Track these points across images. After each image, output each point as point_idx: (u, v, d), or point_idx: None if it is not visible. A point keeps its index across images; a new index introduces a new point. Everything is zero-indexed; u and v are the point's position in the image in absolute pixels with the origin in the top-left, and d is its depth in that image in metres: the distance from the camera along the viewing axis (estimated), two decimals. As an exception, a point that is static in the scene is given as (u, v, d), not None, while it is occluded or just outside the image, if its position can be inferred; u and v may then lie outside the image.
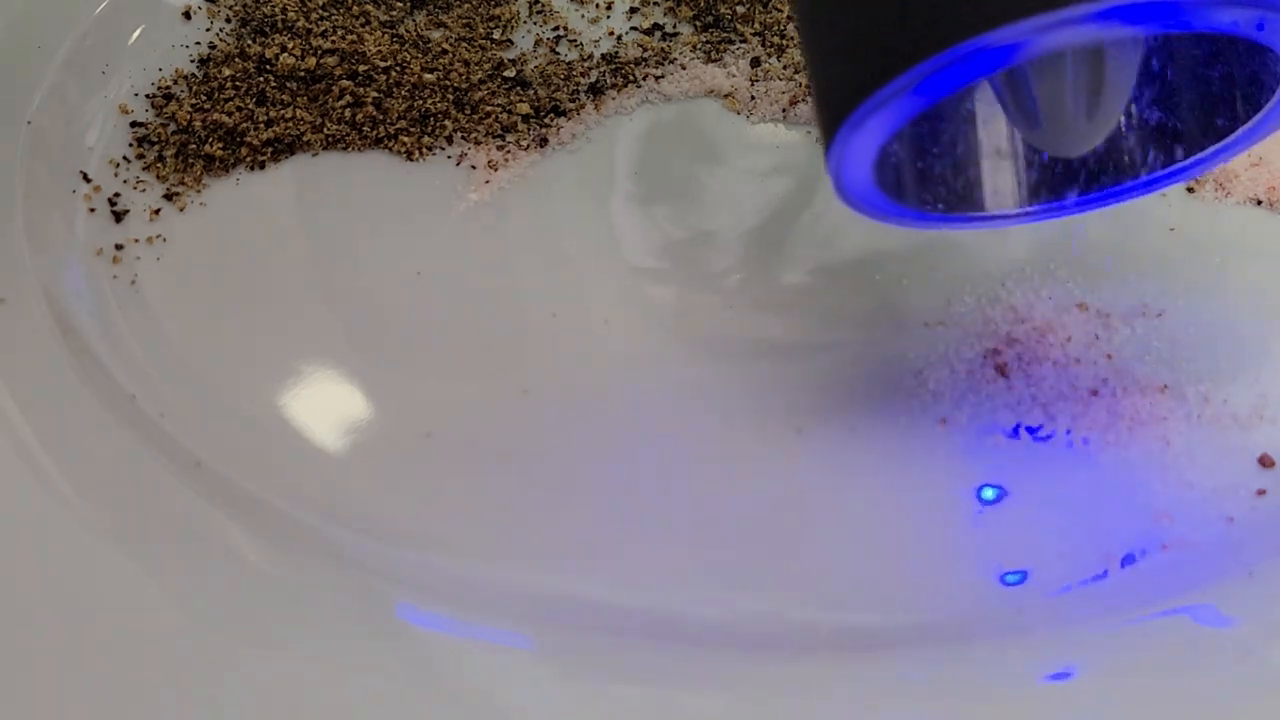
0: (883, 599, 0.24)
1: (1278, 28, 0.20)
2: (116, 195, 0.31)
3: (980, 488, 0.26)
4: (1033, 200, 0.25)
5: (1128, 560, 0.24)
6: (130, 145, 0.32)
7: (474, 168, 0.32)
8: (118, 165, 0.32)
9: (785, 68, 0.34)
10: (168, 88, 0.33)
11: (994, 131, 0.26)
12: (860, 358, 0.28)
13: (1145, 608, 0.24)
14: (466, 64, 0.34)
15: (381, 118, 0.32)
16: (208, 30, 0.35)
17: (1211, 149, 0.24)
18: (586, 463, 0.26)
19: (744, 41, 0.34)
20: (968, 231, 0.30)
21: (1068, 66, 0.23)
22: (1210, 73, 0.24)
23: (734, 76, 0.33)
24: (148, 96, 0.33)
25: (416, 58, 0.34)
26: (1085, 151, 0.24)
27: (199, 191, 0.31)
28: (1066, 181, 0.25)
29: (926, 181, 0.25)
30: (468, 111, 0.33)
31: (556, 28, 0.35)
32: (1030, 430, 0.26)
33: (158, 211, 0.31)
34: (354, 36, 0.34)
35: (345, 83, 0.33)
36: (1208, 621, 0.23)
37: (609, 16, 0.35)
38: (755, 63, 0.34)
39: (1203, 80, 0.24)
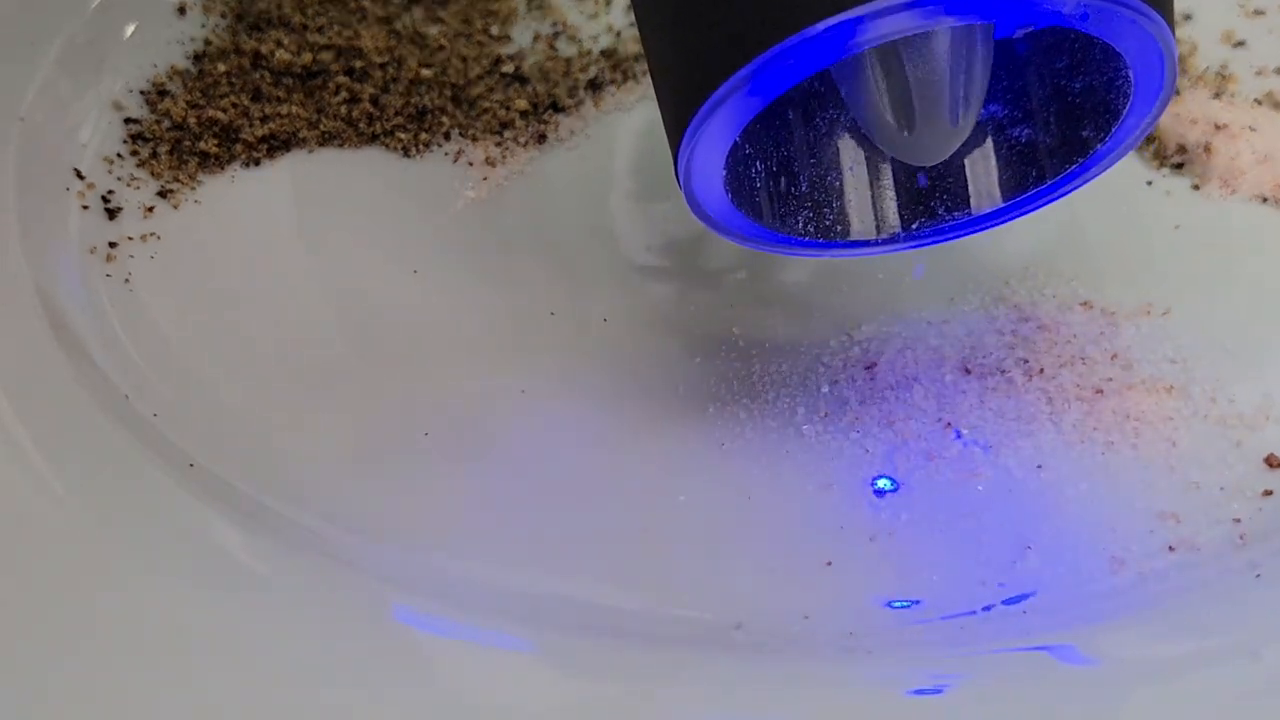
0: (889, 600, 0.24)
1: (1107, 19, 0.20)
2: (110, 192, 0.31)
3: (980, 489, 0.25)
4: (906, 227, 0.25)
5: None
6: (124, 142, 0.32)
7: (471, 164, 0.32)
8: (111, 162, 0.32)
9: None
10: (162, 84, 0.33)
11: (858, 152, 0.26)
12: (862, 358, 0.28)
13: (1151, 609, 0.24)
14: (464, 60, 0.34)
15: (378, 114, 0.32)
16: (202, 26, 0.35)
17: (1080, 162, 0.24)
18: (585, 462, 0.26)
19: (744, 37, 0.34)
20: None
21: (907, 59, 0.23)
22: (1071, 84, 0.24)
23: (734, 73, 0.33)
24: (142, 93, 0.33)
25: (413, 53, 0.34)
26: (942, 157, 0.24)
27: (193, 189, 0.31)
28: (941, 205, 0.25)
29: (791, 205, 0.25)
30: (465, 108, 0.33)
31: (555, 23, 0.35)
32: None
33: (152, 209, 0.31)
34: (350, 32, 0.34)
35: (341, 79, 0.33)
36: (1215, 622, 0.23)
37: (608, 12, 0.35)
38: (756, 59, 0.34)
39: (1064, 93, 0.24)
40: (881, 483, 0.25)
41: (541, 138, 0.32)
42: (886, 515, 0.25)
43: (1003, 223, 0.25)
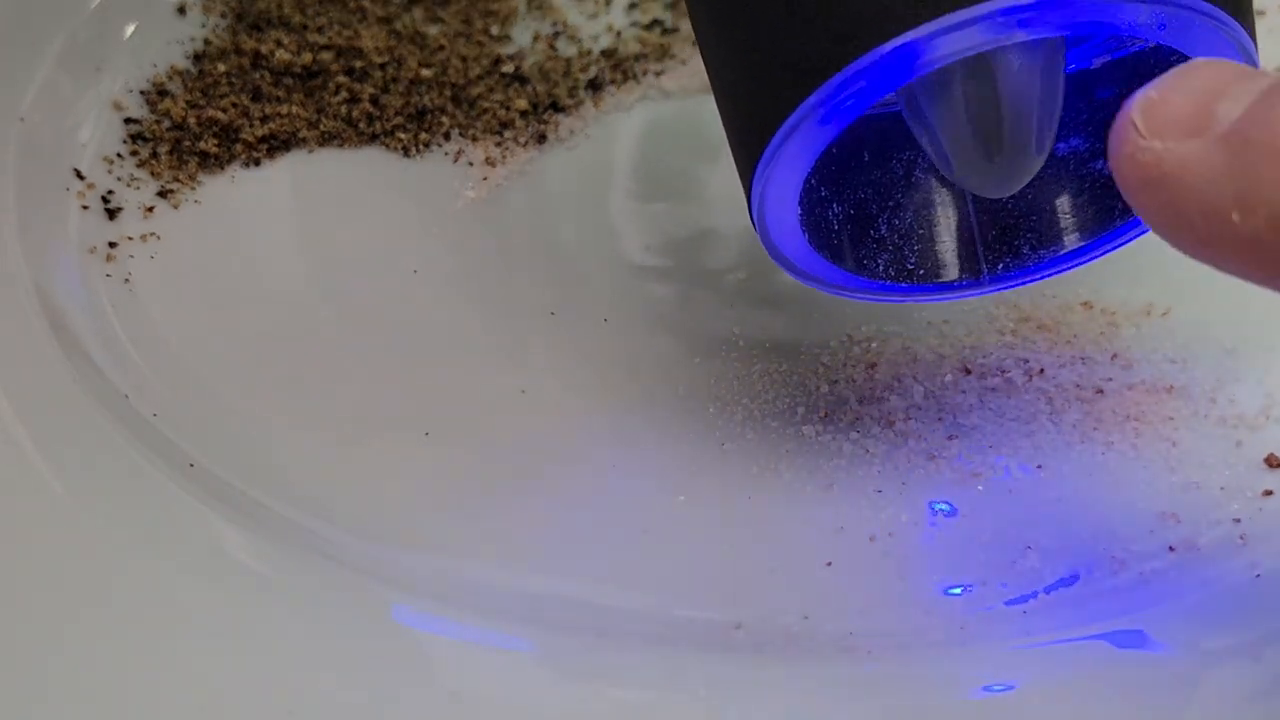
0: (889, 602, 0.24)
1: (1184, 27, 0.20)
2: (110, 192, 0.31)
3: (980, 489, 0.25)
4: (991, 268, 0.25)
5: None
6: (124, 142, 0.32)
7: (471, 164, 0.32)
8: (111, 162, 0.31)
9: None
10: (162, 84, 0.33)
11: (938, 193, 0.25)
12: (862, 358, 0.28)
13: (1151, 609, 0.24)
14: (464, 60, 0.34)
15: (378, 114, 0.32)
16: (202, 26, 0.34)
17: None
18: (585, 462, 0.26)
19: (744, 37, 0.34)
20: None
21: (986, 80, 0.22)
22: None
23: (734, 72, 0.33)
24: (142, 93, 0.33)
25: (413, 53, 0.33)
26: (1018, 186, 0.23)
27: (193, 189, 0.31)
28: (1026, 244, 0.25)
29: (872, 248, 0.25)
30: (465, 108, 0.33)
31: (555, 23, 0.35)
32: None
33: (151, 209, 0.31)
34: (350, 32, 0.34)
35: (341, 79, 0.33)
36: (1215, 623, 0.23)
37: (608, 12, 0.35)
38: (756, 59, 0.34)
39: None
40: (940, 506, 0.25)
41: (541, 138, 0.32)
42: (886, 515, 0.25)
43: (1091, 259, 0.25)
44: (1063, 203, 0.25)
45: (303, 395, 0.28)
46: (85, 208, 0.31)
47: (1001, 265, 0.25)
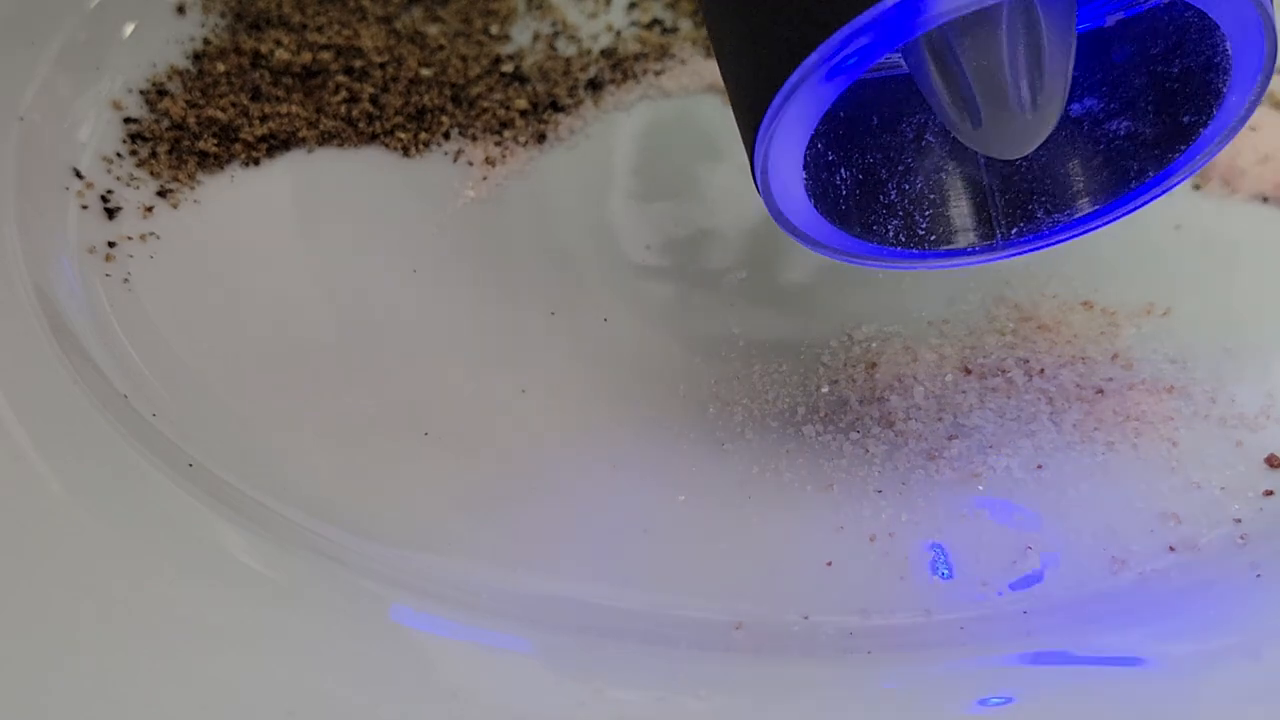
0: (889, 602, 0.24)
1: None
2: (109, 192, 0.31)
3: (980, 489, 0.25)
4: (1005, 233, 0.24)
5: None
6: (123, 141, 0.32)
7: (471, 164, 0.32)
8: (110, 162, 0.31)
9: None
10: (161, 83, 0.33)
11: (949, 157, 0.25)
12: (862, 358, 0.28)
13: (1151, 609, 0.24)
14: (464, 59, 0.34)
15: (378, 113, 0.32)
16: (201, 25, 0.34)
17: (1183, 150, 0.23)
18: (585, 463, 0.26)
19: (744, 37, 0.34)
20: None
21: (994, 34, 0.21)
22: (1169, 69, 0.23)
23: (734, 72, 0.33)
24: (141, 92, 0.33)
25: (413, 53, 0.33)
26: (1028, 148, 0.23)
27: (193, 188, 0.31)
28: (1040, 208, 0.24)
29: (881, 214, 0.24)
30: (465, 107, 0.33)
31: (555, 23, 0.35)
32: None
33: (151, 209, 0.31)
34: (350, 31, 0.34)
35: (341, 78, 0.33)
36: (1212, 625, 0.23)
37: (608, 11, 0.35)
38: (756, 58, 0.34)
39: (1162, 79, 0.23)
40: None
41: (541, 137, 0.32)
42: (886, 515, 0.25)
43: (1106, 223, 0.24)
44: (1077, 165, 0.24)
45: (302, 395, 0.28)
46: (84, 207, 0.31)
47: (1015, 230, 0.24)
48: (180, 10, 0.35)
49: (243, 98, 0.32)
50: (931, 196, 0.25)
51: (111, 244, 0.30)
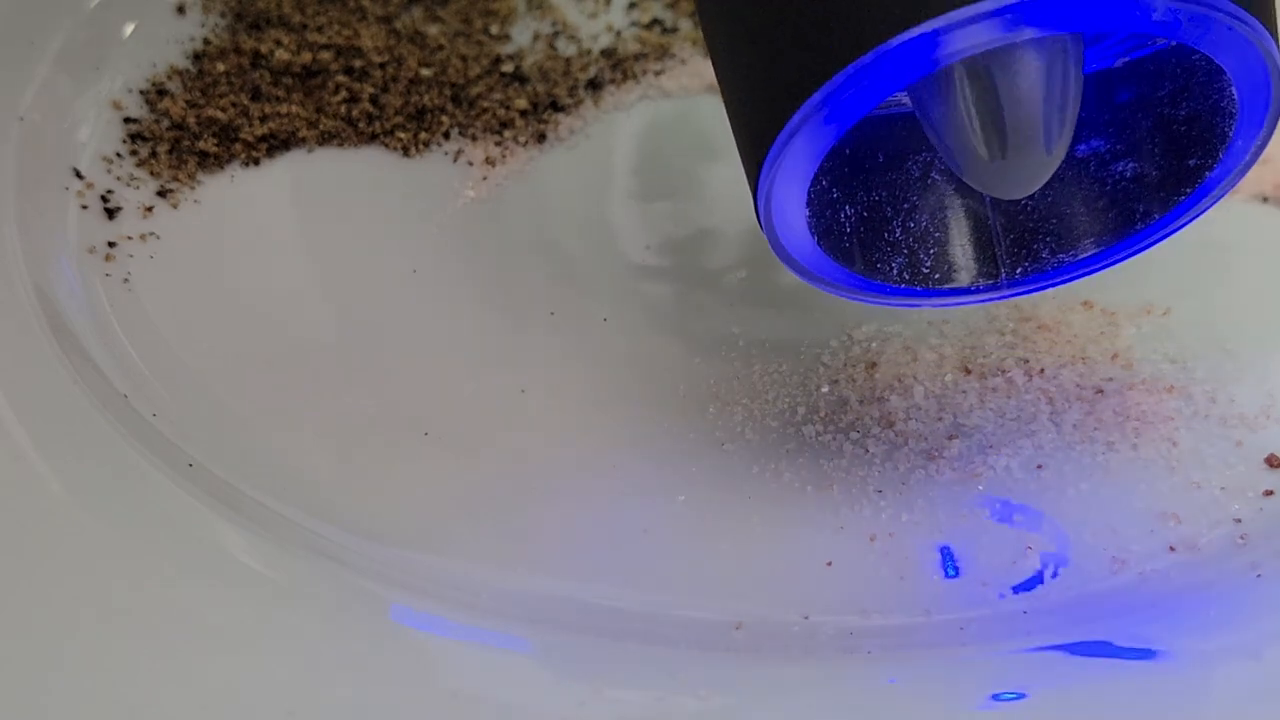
0: (889, 602, 0.24)
1: (1201, 25, 0.19)
2: (109, 192, 0.31)
3: (980, 489, 0.25)
4: (1010, 272, 0.24)
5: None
6: (123, 141, 0.32)
7: (471, 164, 0.32)
8: (110, 162, 0.31)
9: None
10: (161, 83, 0.33)
11: (954, 196, 0.25)
12: (862, 358, 0.28)
13: (1151, 609, 0.24)
14: (464, 59, 0.34)
15: (377, 113, 0.32)
16: (201, 25, 0.34)
17: (1189, 193, 0.23)
18: (585, 462, 0.26)
19: (744, 37, 0.34)
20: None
21: (999, 78, 0.21)
22: (1175, 113, 0.23)
23: (734, 72, 0.33)
24: (141, 92, 0.33)
25: (413, 53, 0.33)
26: (1034, 188, 0.23)
27: (193, 188, 0.31)
28: (1045, 248, 0.25)
29: (885, 252, 0.24)
30: (465, 107, 0.33)
31: (555, 22, 0.35)
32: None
33: (151, 209, 0.31)
34: (349, 31, 0.34)
35: (341, 78, 0.33)
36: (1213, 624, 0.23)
37: (608, 11, 0.35)
38: (756, 58, 0.34)
39: (1169, 122, 0.23)
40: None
41: (541, 137, 0.32)
42: (886, 515, 0.25)
43: (1111, 264, 0.24)
44: (1082, 206, 0.24)
45: (302, 395, 0.28)
46: (84, 207, 0.31)
47: (1020, 269, 0.24)
48: (180, 10, 0.35)
49: (243, 98, 0.32)
50: (936, 234, 0.25)
51: (111, 244, 0.30)
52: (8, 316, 0.28)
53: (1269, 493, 0.25)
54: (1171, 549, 0.24)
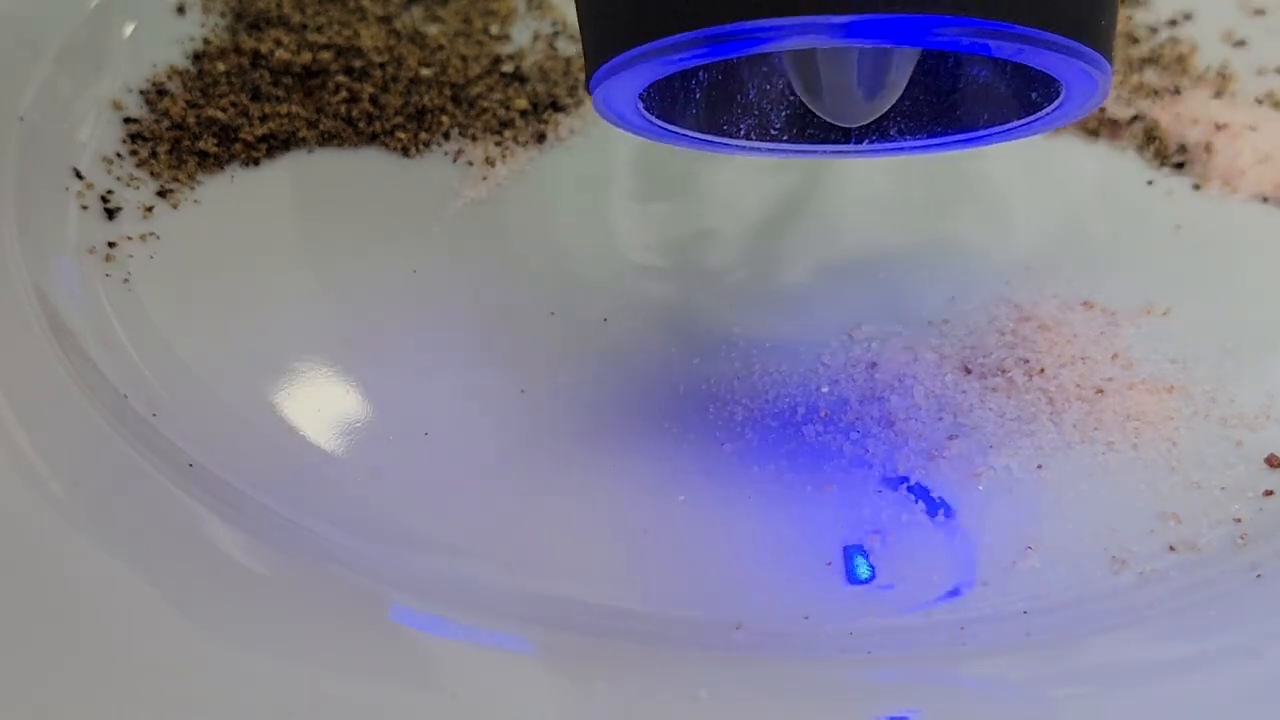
0: (888, 601, 0.24)
1: (1015, 52, 0.19)
2: (109, 192, 0.31)
3: (980, 489, 0.25)
4: (858, 140, 0.25)
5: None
6: (123, 141, 0.32)
7: (471, 164, 0.32)
8: (110, 162, 0.31)
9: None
10: (161, 83, 0.33)
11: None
12: (862, 358, 0.28)
13: (1151, 609, 0.24)
14: (464, 59, 0.34)
15: (378, 113, 0.32)
16: (201, 25, 0.35)
17: (1034, 118, 0.24)
18: (585, 463, 0.26)
19: (744, 37, 0.34)
20: (971, 230, 0.30)
21: (809, 58, 0.22)
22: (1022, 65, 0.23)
23: (734, 72, 0.33)
24: (141, 92, 0.33)
25: (413, 53, 0.33)
26: (864, 121, 0.24)
27: (193, 188, 0.31)
28: (894, 127, 0.25)
29: (738, 114, 0.25)
30: (465, 107, 0.33)
31: (554, 22, 0.35)
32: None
33: (151, 209, 0.31)
34: (350, 31, 0.34)
35: (341, 78, 0.33)
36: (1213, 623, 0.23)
37: (608, 11, 0.35)
38: (756, 58, 0.34)
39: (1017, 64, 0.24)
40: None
41: (541, 137, 0.32)
42: (886, 515, 0.25)
43: (948, 149, 0.25)
44: (934, 96, 0.25)
45: (301, 395, 0.28)
46: (84, 207, 0.31)
47: (867, 140, 0.25)
48: (180, 10, 0.35)
49: (243, 98, 0.32)
50: (790, 97, 0.25)
51: (111, 244, 0.30)
52: (7, 316, 0.28)
53: (1269, 493, 0.25)
54: (1171, 549, 0.24)
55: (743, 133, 0.25)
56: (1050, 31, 0.19)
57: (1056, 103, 0.23)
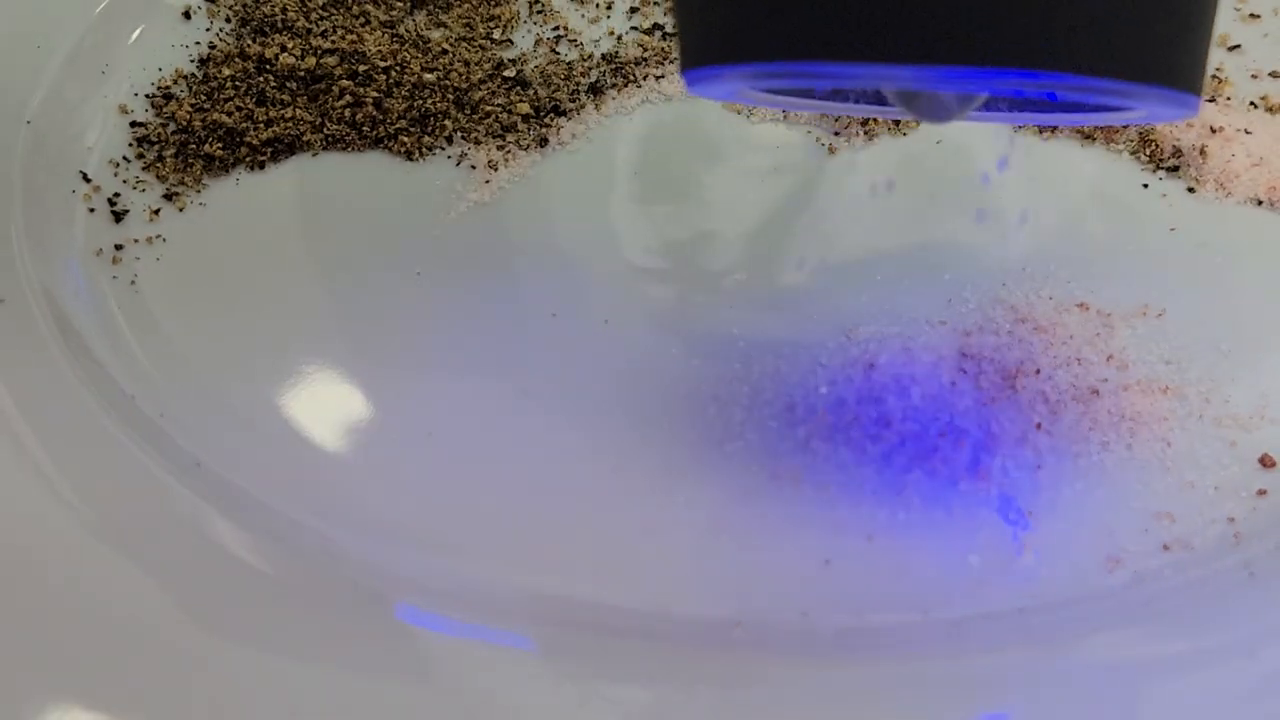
0: (887, 600, 0.24)
1: (1082, 96, 0.19)
2: (116, 195, 0.31)
3: (981, 489, 0.26)
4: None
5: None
6: (130, 145, 0.32)
7: (474, 168, 0.32)
8: (117, 165, 0.32)
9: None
10: (167, 87, 0.33)
11: None
12: (861, 358, 0.28)
13: (1147, 608, 0.24)
14: (466, 64, 0.34)
15: (381, 118, 0.32)
16: (207, 30, 0.35)
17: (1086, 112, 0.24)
18: (586, 463, 0.26)
19: (744, 41, 0.34)
20: (969, 232, 0.30)
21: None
22: None
23: (734, 76, 0.33)
24: (147, 96, 0.33)
25: (416, 57, 0.34)
26: (951, 120, 0.23)
27: (199, 191, 0.31)
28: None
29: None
30: (468, 111, 0.33)
31: (556, 27, 0.35)
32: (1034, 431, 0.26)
33: (157, 211, 0.31)
34: (354, 36, 0.34)
35: (345, 82, 0.33)
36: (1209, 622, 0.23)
37: (609, 16, 0.35)
38: (755, 62, 0.34)
39: None
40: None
41: (543, 141, 0.32)
42: (884, 515, 0.25)
43: (1047, 123, 0.25)
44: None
45: (306, 396, 0.28)
46: (91, 210, 0.31)
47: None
48: (186, 15, 0.35)
49: (248, 102, 0.33)
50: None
51: (118, 246, 0.30)
52: (16, 318, 0.28)
53: (1262, 492, 0.25)
54: (1166, 548, 0.25)
55: (845, 99, 0.25)
56: (1117, 79, 0.19)
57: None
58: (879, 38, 0.18)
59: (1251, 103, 0.32)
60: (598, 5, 0.36)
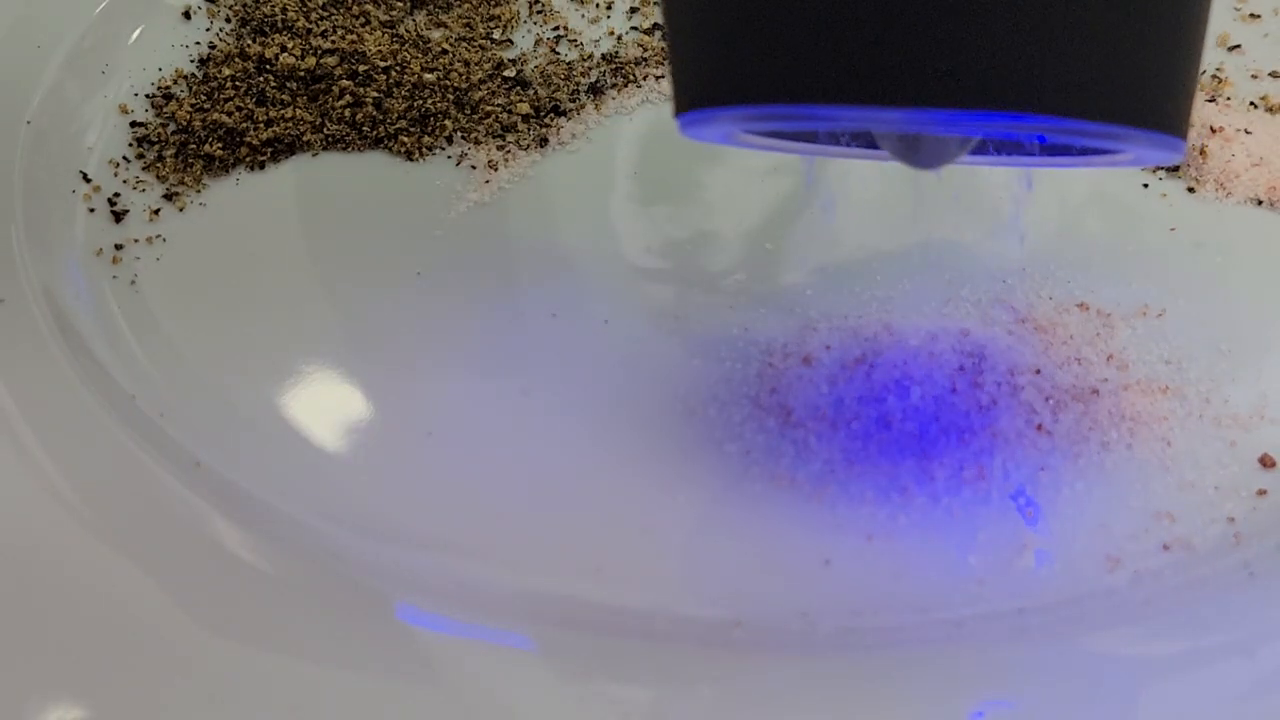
0: (887, 600, 0.24)
1: (1070, 140, 0.20)
2: (116, 195, 0.31)
3: (981, 489, 0.26)
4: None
5: None
6: (130, 145, 0.32)
7: (474, 168, 0.32)
8: (117, 165, 0.32)
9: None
10: (167, 87, 0.33)
11: None
12: (861, 358, 0.28)
13: (1146, 607, 0.24)
14: (466, 64, 0.34)
15: (381, 118, 0.32)
16: (207, 30, 0.35)
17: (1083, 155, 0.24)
18: (586, 463, 0.26)
19: (744, 41, 0.34)
20: (967, 231, 0.30)
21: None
22: None
23: (734, 76, 0.33)
24: (147, 96, 0.33)
25: (416, 57, 0.34)
26: (939, 167, 0.24)
27: (199, 191, 0.31)
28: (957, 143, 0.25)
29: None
30: (468, 111, 0.33)
31: (556, 27, 0.35)
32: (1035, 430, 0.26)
33: (157, 211, 0.31)
34: (354, 36, 0.34)
35: (345, 83, 0.33)
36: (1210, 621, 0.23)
37: (609, 16, 0.35)
38: (755, 62, 0.34)
39: None
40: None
41: (543, 141, 0.32)
42: (884, 515, 0.25)
43: (1034, 167, 0.25)
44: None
45: (307, 395, 0.28)
46: (91, 210, 0.31)
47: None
48: (186, 15, 0.35)
49: (248, 102, 0.33)
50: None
51: (119, 246, 0.30)
52: (16, 318, 0.28)
53: (1262, 492, 0.25)
54: (1166, 548, 0.25)
55: (838, 143, 0.25)
56: (1107, 123, 0.19)
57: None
58: (870, 80, 0.18)
59: (1251, 103, 0.32)
60: (598, 5, 0.36)
